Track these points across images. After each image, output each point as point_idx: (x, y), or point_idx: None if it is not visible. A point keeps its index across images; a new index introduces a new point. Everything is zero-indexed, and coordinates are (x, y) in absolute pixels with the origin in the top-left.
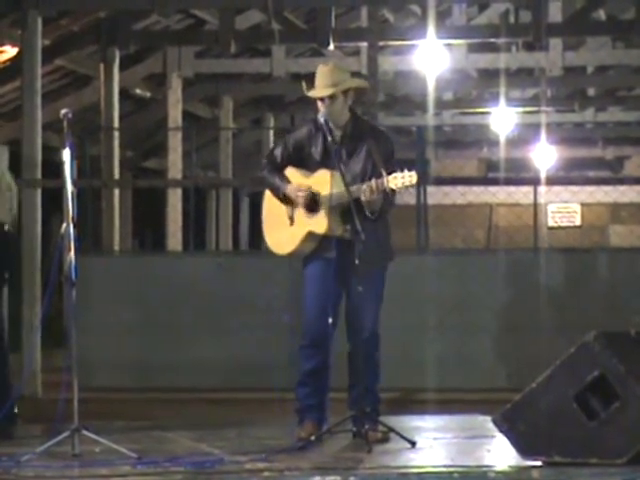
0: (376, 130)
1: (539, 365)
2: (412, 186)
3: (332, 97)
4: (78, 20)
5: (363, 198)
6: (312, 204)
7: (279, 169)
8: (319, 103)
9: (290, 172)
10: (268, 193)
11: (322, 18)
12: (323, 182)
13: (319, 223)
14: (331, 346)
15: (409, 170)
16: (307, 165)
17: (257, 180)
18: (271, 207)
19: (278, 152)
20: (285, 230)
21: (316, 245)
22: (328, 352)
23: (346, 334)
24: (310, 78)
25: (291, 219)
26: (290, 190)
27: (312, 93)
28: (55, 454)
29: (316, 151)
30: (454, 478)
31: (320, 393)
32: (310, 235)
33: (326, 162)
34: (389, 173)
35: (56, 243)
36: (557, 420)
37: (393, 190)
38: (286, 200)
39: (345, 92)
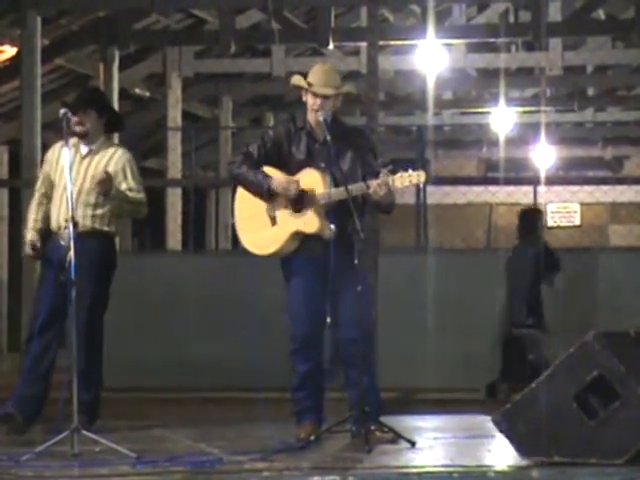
0: (358, 130)
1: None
2: (419, 184)
3: (336, 97)
4: (77, 20)
5: (374, 197)
6: (299, 201)
7: (258, 166)
8: (319, 101)
9: (270, 172)
10: (241, 192)
11: (322, 18)
12: (313, 181)
13: (309, 223)
14: (322, 346)
15: (413, 169)
16: (285, 164)
17: (231, 177)
18: (246, 207)
19: (255, 149)
20: (265, 230)
21: (298, 245)
22: (320, 353)
23: (338, 335)
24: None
25: (272, 219)
26: (278, 184)
27: (328, 91)
28: (54, 454)
29: (298, 150)
30: (454, 478)
31: (317, 394)
32: (296, 234)
33: (310, 162)
34: (392, 172)
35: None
36: (557, 420)
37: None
38: (269, 197)
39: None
